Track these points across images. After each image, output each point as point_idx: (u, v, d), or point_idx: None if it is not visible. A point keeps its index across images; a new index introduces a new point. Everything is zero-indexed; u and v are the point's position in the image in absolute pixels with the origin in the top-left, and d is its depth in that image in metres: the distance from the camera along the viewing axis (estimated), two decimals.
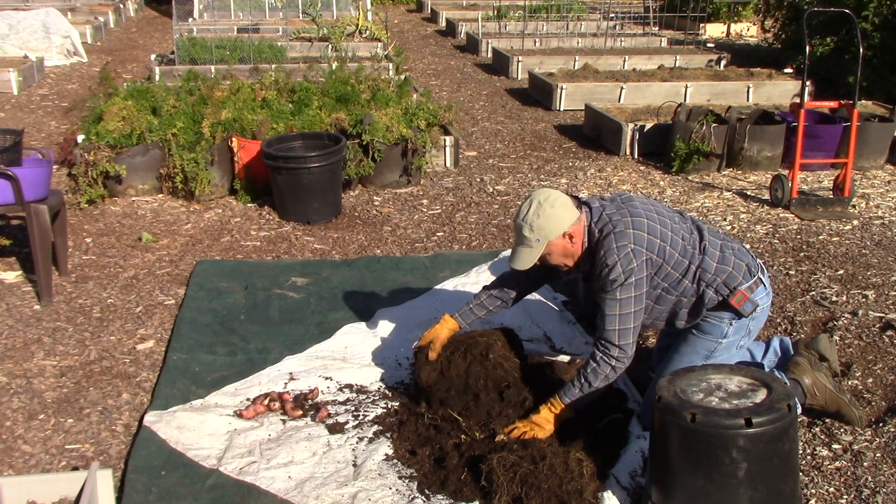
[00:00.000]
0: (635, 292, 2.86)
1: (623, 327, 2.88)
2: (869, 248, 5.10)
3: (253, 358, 3.74)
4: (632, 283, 2.85)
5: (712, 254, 2.99)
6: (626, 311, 2.86)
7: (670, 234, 2.94)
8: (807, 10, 6.13)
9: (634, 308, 2.87)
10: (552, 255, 2.98)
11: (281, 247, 5.09)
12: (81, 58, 10.99)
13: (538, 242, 2.92)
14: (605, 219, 2.93)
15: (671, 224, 2.98)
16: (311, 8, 11.96)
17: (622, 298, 2.85)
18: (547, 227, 2.90)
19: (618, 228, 2.89)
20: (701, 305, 3.02)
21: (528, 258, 2.96)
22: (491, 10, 14.57)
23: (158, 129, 5.74)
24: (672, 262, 2.94)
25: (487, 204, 5.89)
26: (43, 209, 4.16)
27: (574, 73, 9.57)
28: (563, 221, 2.91)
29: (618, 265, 2.83)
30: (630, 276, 2.84)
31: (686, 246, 2.97)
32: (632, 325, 2.89)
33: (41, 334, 3.96)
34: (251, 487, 2.85)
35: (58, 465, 3.04)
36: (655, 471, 2.61)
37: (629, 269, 2.83)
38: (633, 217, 2.92)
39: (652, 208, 3.01)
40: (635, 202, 3.01)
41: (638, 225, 2.90)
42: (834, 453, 3.09)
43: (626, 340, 2.89)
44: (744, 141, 6.58)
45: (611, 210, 2.96)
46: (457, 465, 2.87)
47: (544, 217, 2.89)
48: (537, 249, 2.94)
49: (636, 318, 2.89)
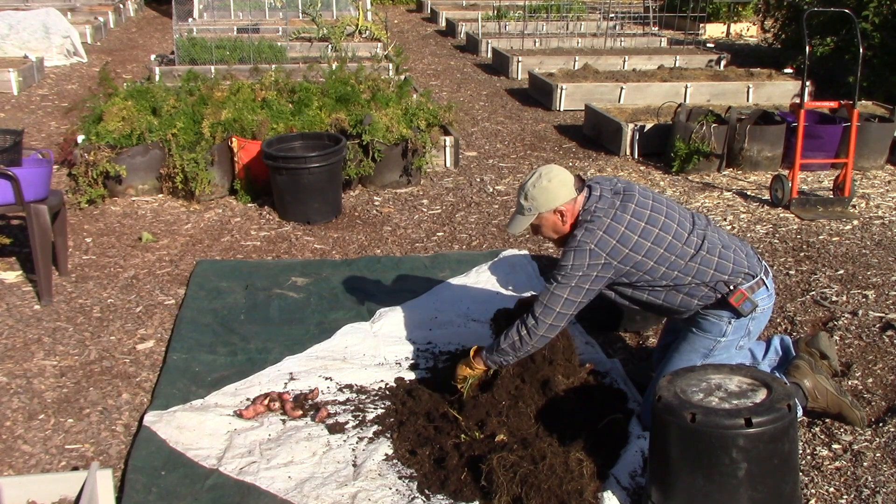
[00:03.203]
0: (573, 284, 2.94)
1: (548, 304, 2.97)
2: (869, 248, 5.10)
3: (253, 358, 3.74)
4: (575, 276, 2.93)
5: (709, 259, 2.99)
6: (557, 293, 2.96)
7: (649, 245, 2.94)
8: (807, 10, 6.13)
9: (565, 296, 2.95)
10: (542, 227, 3.11)
11: (281, 247, 5.09)
12: (81, 58, 10.99)
13: (530, 212, 3.05)
14: (592, 210, 3.00)
15: (658, 232, 2.96)
16: (311, 8, 11.97)
17: (559, 283, 2.95)
18: (539, 200, 3.01)
19: (592, 225, 2.96)
20: (694, 300, 3.04)
21: (520, 225, 3.12)
22: (491, 10, 14.57)
23: (158, 130, 5.74)
24: (645, 269, 2.97)
25: (487, 204, 5.89)
26: (43, 209, 4.16)
27: (574, 74, 9.57)
28: (557, 198, 3.01)
29: (570, 254, 2.94)
30: (575, 270, 2.93)
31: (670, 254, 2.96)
32: (557, 308, 2.97)
33: (41, 334, 3.96)
34: (251, 487, 2.85)
35: (58, 465, 3.04)
36: (655, 471, 2.61)
37: (577, 265, 2.92)
38: (614, 220, 2.95)
39: (646, 214, 2.99)
40: (630, 204, 3.00)
41: (611, 230, 2.94)
42: (834, 453, 3.09)
43: (545, 318, 2.98)
44: (744, 141, 6.58)
45: (602, 204, 3.00)
46: (457, 465, 2.87)
47: (540, 189, 3.01)
48: (528, 218, 3.08)
49: (564, 305, 2.96)
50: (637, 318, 3.98)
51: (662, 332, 3.56)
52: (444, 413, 3.17)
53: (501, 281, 4.55)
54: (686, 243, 2.99)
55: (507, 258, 4.81)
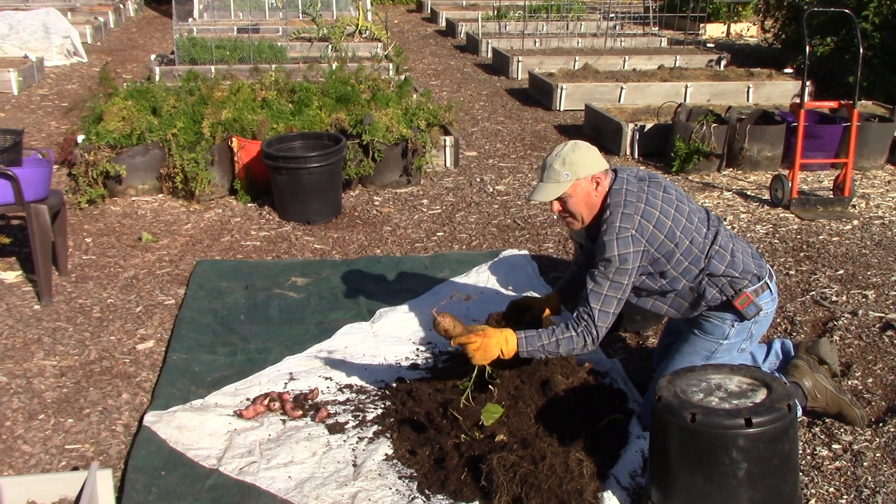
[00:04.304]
0: (625, 281, 2.87)
1: (604, 309, 2.88)
2: (869, 248, 5.10)
3: (253, 358, 3.74)
4: (625, 269, 2.85)
5: (722, 256, 2.98)
6: (611, 294, 2.87)
7: (678, 234, 2.91)
8: (807, 10, 6.13)
9: (618, 295, 2.88)
10: (573, 199, 2.94)
11: (281, 247, 5.09)
12: (81, 58, 10.99)
13: (566, 178, 2.89)
14: (624, 193, 2.90)
15: (685, 223, 2.94)
16: (311, 8, 11.96)
17: (612, 281, 2.86)
18: (579, 164, 2.90)
19: (627, 210, 2.87)
20: (702, 301, 3.03)
21: (553, 192, 2.92)
22: (491, 10, 14.57)
23: (158, 129, 5.74)
24: (672, 261, 2.93)
25: (487, 204, 5.89)
26: (43, 209, 4.16)
27: (574, 73, 9.57)
28: (596, 165, 2.93)
29: (614, 244, 2.83)
30: (625, 263, 2.84)
31: (694, 248, 2.95)
32: (612, 310, 2.89)
33: (41, 334, 3.96)
34: (251, 487, 2.85)
35: (58, 465, 3.04)
36: (655, 471, 2.61)
37: (624, 254, 2.83)
38: (647, 205, 2.89)
39: (673, 201, 2.96)
40: (658, 192, 2.96)
41: (647, 215, 2.88)
42: (834, 453, 3.09)
43: (603, 323, 2.90)
44: (744, 141, 6.58)
45: (630, 187, 2.93)
46: (457, 465, 2.87)
47: (579, 154, 2.91)
48: (564, 185, 2.90)
49: (618, 305, 2.90)
50: (637, 318, 3.98)
51: (663, 332, 3.56)
52: (444, 413, 3.17)
53: (501, 281, 4.55)
54: (705, 238, 2.98)
55: (507, 258, 4.81)
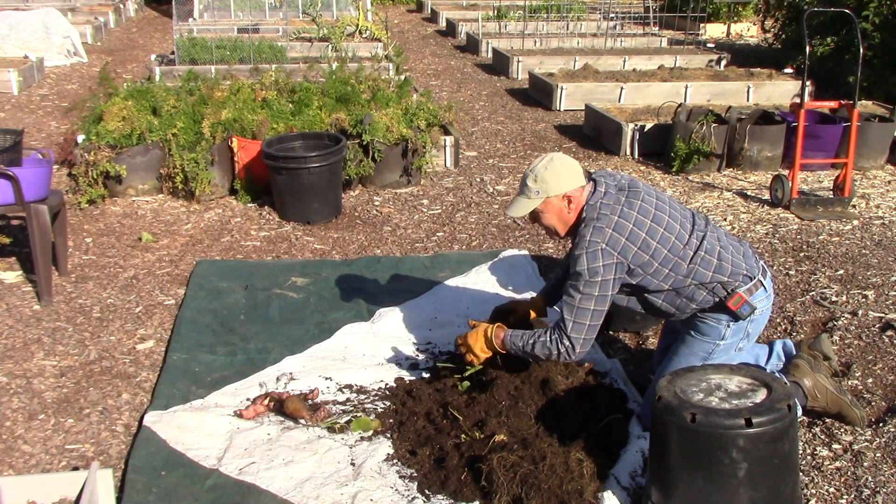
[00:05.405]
0: (597, 292, 2.88)
1: (577, 321, 2.90)
2: (869, 248, 5.10)
3: (253, 358, 3.74)
4: (595, 282, 2.86)
5: (708, 262, 2.96)
6: (584, 306, 2.89)
7: (654, 244, 2.91)
8: (807, 10, 6.13)
9: (591, 307, 2.89)
10: (546, 214, 3.01)
11: (281, 247, 5.09)
12: (81, 58, 10.99)
13: (537, 195, 2.96)
14: (599, 207, 2.93)
15: (662, 232, 2.93)
16: (311, 8, 11.96)
17: (583, 294, 2.88)
18: (549, 182, 2.94)
19: (600, 223, 2.89)
20: (692, 304, 3.03)
21: (524, 208, 3.00)
22: (491, 10, 14.57)
23: (158, 129, 5.74)
24: (650, 270, 2.93)
25: (487, 204, 5.89)
26: (43, 209, 4.16)
27: (574, 74, 9.57)
28: (568, 183, 2.95)
29: (583, 258, 2.86)
30: (594, 276, 2.86)
31: (673, 255, 2.94)
32: (587, 322, 2.91)
33: (41, 334, 3.96)
34: (251, 487, 2.85)
35: (58, 465, 3.04)
36: (655, 471, 2.61)
37: (593, 268, 2.85)
38: (621, 217, 2.91)
39: (650, 212, 2.95)
40: (636, 200, 2.96)
41: (619, 228, 2.89)
42: (834, 453, 3.09)
43: (578, 335, 2.92)
44: (744, 141, 6.58)
45: (607, 200, 2.95)
46: (457, 465, 2.87)
47: (551, 171, 2.94)
48: (534, 201, 2.98)
49: (593, 317, 2.91)
50: (637, 319, 3.98)
51: (662, 333, 3.55)
52: (444, 413, 3.17)
53: (501, 281, 4.55)
54: (687, 245, 2.97)
55: (506, 258, 4.81)
